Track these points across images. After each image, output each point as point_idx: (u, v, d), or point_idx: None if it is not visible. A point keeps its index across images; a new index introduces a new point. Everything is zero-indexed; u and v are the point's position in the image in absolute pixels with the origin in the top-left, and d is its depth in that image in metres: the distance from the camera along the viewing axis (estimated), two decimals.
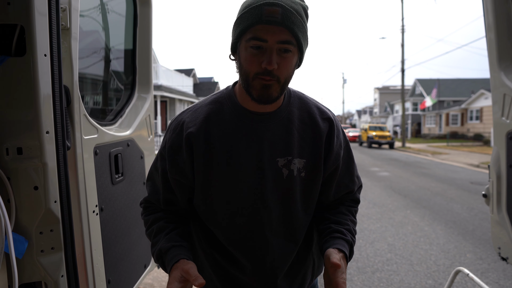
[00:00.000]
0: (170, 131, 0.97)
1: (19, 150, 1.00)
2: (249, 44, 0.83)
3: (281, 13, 0.81)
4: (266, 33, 0.81)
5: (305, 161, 0.94)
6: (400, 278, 3.25)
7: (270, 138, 0.92)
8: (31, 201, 1.02)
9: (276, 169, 0.93)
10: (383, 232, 4.62)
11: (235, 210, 0.94)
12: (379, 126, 25.33)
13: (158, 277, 3.06)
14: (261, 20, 0.81)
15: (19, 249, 1.01)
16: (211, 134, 0.92)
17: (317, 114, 0.97)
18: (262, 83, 0.84)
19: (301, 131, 0.95)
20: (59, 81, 1.07)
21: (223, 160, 0.91)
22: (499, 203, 1.77)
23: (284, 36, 0.82)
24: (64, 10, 1.18)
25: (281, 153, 0.93)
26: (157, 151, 1.02)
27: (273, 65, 0.82)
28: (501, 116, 1.71)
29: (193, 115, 0.95)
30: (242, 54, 0.86)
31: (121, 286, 1.58)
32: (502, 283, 3.13)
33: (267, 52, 0.82)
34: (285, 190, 0.94)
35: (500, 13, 1.66)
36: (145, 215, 1.03)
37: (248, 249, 0.96)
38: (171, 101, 20.17)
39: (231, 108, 0.94)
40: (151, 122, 2.04)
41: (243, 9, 0.85)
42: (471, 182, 8.56)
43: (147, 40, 1.99)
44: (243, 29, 0.84)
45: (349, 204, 1.05)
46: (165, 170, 0.95)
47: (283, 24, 0.81)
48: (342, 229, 0.95)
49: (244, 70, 0.86)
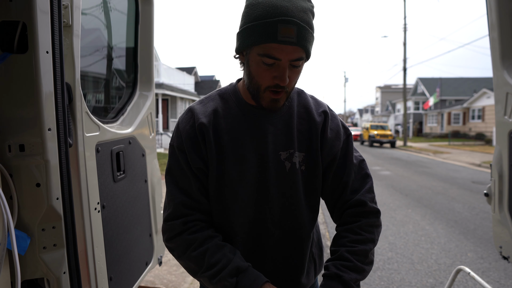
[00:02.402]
0: (183, 123, 0.96)
1: (21, 147, 1.00)
2: (262, 59, 0.83)
3: (296, 33, 0.80)
4: (281, 52, 0.82)
5: (304, 155, 0.97)
6: (401, 277, 3.25)
7: (273, 132, 0.95)
8: (33, 198, 1.03)
9: (279, 162, 0.95)
10: (384, 230, 4.62)
11: (242, 201, 0.95)
12: (381, 125, 25.28)
13: (159, 275, 3.07)
14: (276, 40, 0.80)
15: (21, 245, 1.02)
16: (219, 126, 0.94)
17: (313, 109, 1.00)
18: (272, 97, 0.88)
19: (299, 125, 0.97)
20: (61, 78, 1.07)
21: (230, 152, 0.93)
22: (501, 202, 1.76)
23: (297, 54, 0.83)
24: (66, 7, 1.18)
25: (283, 147, 0.95)
26: (159, 149, 1.01)
27: (286, 81, 0.85)
28: (504, 115, 1.70)
29: (202, 108, 0.97)
30: (252, 65, 0.87)
31: (122, 283, 1.59)
32: (503, 282, 3.13)
33: (280, 68, 0.84)
34: (288, 183, 0.96)
35: (503, 12, 1.65)
36: (190, 232, 0.91)
37: (250, 239, 0.97)
38: (173, 99, 20.17)
39: (236, 103, 0.97)
40: (152, 120, 2.04)
41: (255, 19, 0.82)
42: (473, 181, 8.54)
43: (148, 38, 1.99)
44: (256, 42, 0.83)
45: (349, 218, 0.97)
46: (188, 162, 0.93)
47: (298, 44, 0.81)
48: (328, 263, 0.92)
49: (255, 81, 0.88)
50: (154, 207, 1.97)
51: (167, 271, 3.17)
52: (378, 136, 22.67)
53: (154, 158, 2.04)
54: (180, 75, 21.57)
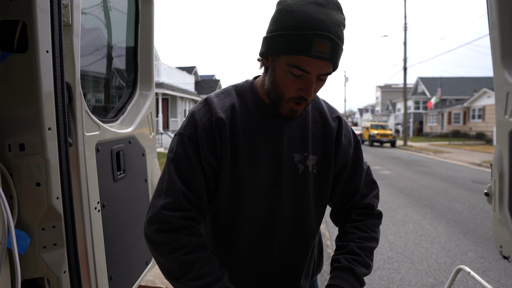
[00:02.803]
0: (200, 114, 0.91)
1: (22, 146, 1.00)
2: (290, 69, 0.82)
3: (330, 49, 0.78)
4: (312, 66, 0.80)
5: (317, 158, 0.97)
6: (401, 276, 3.25)
7: (288, 133, 0.95)
8: (33, 198, 1.03)
9: (292, 164, 0.95)
10: (384, 230, 4.62)
11: (253, 201, 0.95)
12: (381, 124, 25.28)
13: (159, 274, 3.07)
14: (309, 54, 0.78)
15: (21, 245, 1.02)
16: (236, 123, 0.92)
17: (327, 113, 1.01)
18: (293, 108, 0.87)
19: (313, 128, 0.98)
20: (61, 77, 1.07)
21: (245, 150, 0.92)
22: (501, 201, 1.76)
23: (327, 69, 0.82)
24: (66, 7, 1.18)
25: (297, 149, 0.95)
26: (159, 149, 1.00)
27: (312, 96, 0.84)
28: (504, 115, 1.70)
29: (219, 102, 0.93)
30: (279, 73, 0.84)
31: (122, 282, 1.59)
32: (504, 281, 3.13)
33: (308, 81, 0.82)
34: (299, 185, 0.96)
35: (504, 11, 1.65)
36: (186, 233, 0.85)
37: (257, 239, 0.97)
38: (173, 99, 20.17)
39: (253, 101, 0.95)
40: (152, 120, 2.04)
41: (289, 28, 0.79)
42: (473, 181, 8.54)
43: (148, 37, 1.99)
44: (287, 52, 0.80)
45: (357, 217, 1.02)
46: (198, 154, 0.88)
47: (330, 60, 0.80)
48: (339, 256, 0.96)
49: (279, 89, 0.86)
50: None
51: None
52: (379, 136, 22.67)
53: (154, 158, 2.04)
54: (180, 74, 21.57)
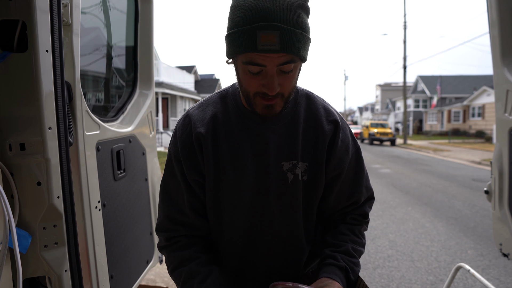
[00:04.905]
0: (180, 130, 0.92)
1: (22, 146, 1.00)
2: (247, 68, 0.76)
3: (279, 38, 0.70)
4: (264, 59, 0.73)
5: (307, 165, 0.90)
6: (401, 274, 3.26)
7: (276, 141, 0.89)
8: (34, 197, 1.03)
9: (281, 173, 0.89)
10: (384, 228, 4.62)
11: (240, 212, 0.92)
12: (381, 123, 25.27)
13: (160, 273, 3.07)
14: (256, 49, 0.71)
15: (23, 244, 1.02)
16: (218, 134, 0.89)
17: (323, 116, 0.92)
18: (264, 103, 0.80)
19: (305, 133, 0.90)
20: (61, 77, 1.07)
21: (228, 162, 0.89)
22: (501, 199, 1.77)
23: (284, 59, 0.74)
24: (65, 6, 1.18)
25: (286, 157, 0.89)
26: (159, 148, 1.01)
27: (275, 91, 0.76)
28: (504, 113, 1.71)
29: (200, 114, 0.91)
30: (240, 72, 0.80)
31: (123, 281, 1.59)
32: (503, 279, 3.13)
33: (268, 76, 0.75)
34: (289, 195, 0.91)
35: (504, 9, 1.65)
36: (171, 250, 0.92)
37: (246, 249, 0.95)
38: (172, 98, 20.16)
39: (235, 108, 0.91)
40: (152, 119, 2.04)
41: (235, 25, 0.74)
42: (473, 179, 8.55)
43: (148, 37, 1.99)
44: (238, 51, 0.75)
45: (352, 220, 0.99)
46: (183, 173, 0.90)
47: (282, 51, 0.71)
48: (335, 254, 0.92)
49: (243, 88, 0.81)
50: (154, 206, 1.98)
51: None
52: (378, 134, 22.67)
53: (154, 157, 2.04)
54: (180, 73, 21.56)
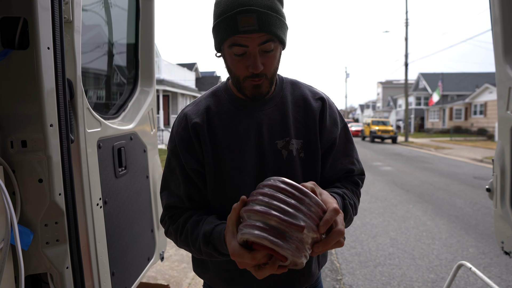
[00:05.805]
0: (175, 126, 0.99)
1: (24, 143, 1.01)
2: (232, 50, 0.87)
3: (256, 20, 0.82)
4: (246, 40, 0.84)
5: (302, 142, 0.98)
6: (402, 272, 3.26)
7: (268, 122, 0.97)
8: (36, 194, 1.03)
9: (276, 151, 0.96)
10: (385, 226, 4.63)
11: (243, 192, 0.94)
12: (382, 120, 25.21)
13: (161, 270, 3.09)
14: (237, 31, 0.83)
15: (24, 241, 1.02)
16: (213, 122, 0.96)
17: (309, 96, 1.02)
18: (253, 84, 0.90)
19: (295, 113, 0.99)
20: (63, 74, 1.07)
21: (226, 147, 0.95)
22: (502, 197, 1.76)
23: (263, 38, 0.85)
24: (66, 3, 1.18)
25: (279, 135, 0.97)
26: (160, 145, 1.01)
27: (259, 69, 0.86)
28: (506, 110, 1.70)
29: (194, 108, 0.99)
30: (227, 59, 0.90)
31: (125, 278, 1.60)
32: (505, 277, 3.13)
33: (251, 56, 0.86)
34: (286, 171, 0.97)
35: (506, 6, 1.64)
36: (172, 223, 0.97)
37: None
38: (174, 95, 20.15)
39: (228, 99, 0.99)
40: (153, 116, 2.04)
41: (218, 17, 0.86)
42: (474, 177, 8.53)
43: (149, 34, 1.99)
44: (223, 38, 0.86)
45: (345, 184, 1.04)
46: (182, 165, 0.96)
47: (260, 30, 0.83)
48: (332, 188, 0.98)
49: (233, 74, 0.91)
50: (155, 203, 1.98)
51: (169, 266, 3.19)
52: (380, 132, 22.62)
53: (155, 154, 2.04)
54: (181, 71, 21.54)
